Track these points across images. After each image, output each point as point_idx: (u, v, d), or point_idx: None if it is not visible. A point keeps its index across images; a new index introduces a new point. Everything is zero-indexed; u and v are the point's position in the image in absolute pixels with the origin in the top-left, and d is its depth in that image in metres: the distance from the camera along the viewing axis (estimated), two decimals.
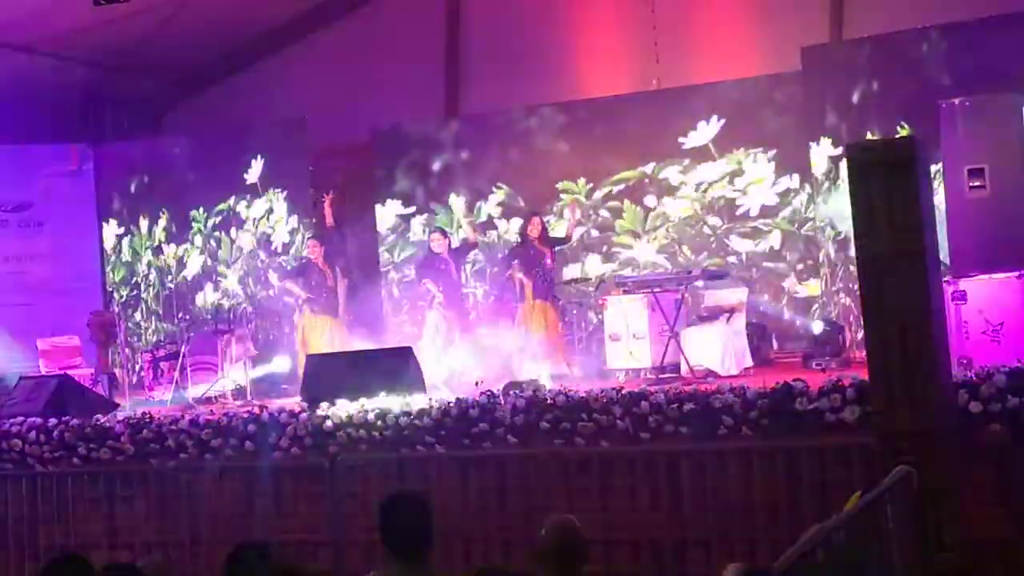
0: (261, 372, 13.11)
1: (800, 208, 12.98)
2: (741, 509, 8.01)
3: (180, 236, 15.55)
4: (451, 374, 11.51)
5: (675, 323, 10.77)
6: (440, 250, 12.21)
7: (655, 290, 11.09)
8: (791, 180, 13.02)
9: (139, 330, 15.66)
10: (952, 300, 8.75)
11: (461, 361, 11.68)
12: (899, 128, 11.37)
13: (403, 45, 14.91)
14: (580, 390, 9.10)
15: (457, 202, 14.32)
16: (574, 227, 12.68)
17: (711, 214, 13.37)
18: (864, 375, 7.43)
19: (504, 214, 14.18)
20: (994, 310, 8.80)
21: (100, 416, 10.42)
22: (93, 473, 10.07)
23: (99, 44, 14.49)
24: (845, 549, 4.78)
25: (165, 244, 15.62)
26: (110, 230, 15.92)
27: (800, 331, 12.65)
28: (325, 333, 12.35)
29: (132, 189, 15.84)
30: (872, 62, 12.23)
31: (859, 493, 5.73)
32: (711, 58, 13.71)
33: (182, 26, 14.44)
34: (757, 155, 13.14)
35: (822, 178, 12.35)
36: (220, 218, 15.26)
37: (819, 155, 12.36)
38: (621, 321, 11.36)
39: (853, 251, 7.30)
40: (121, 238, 15.84)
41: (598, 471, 8.52)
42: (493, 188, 14.24)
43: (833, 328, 11.62)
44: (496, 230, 14.20)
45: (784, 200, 13.10)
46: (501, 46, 14.65)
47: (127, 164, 15.85)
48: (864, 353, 7.16)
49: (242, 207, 15.05)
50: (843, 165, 10.77)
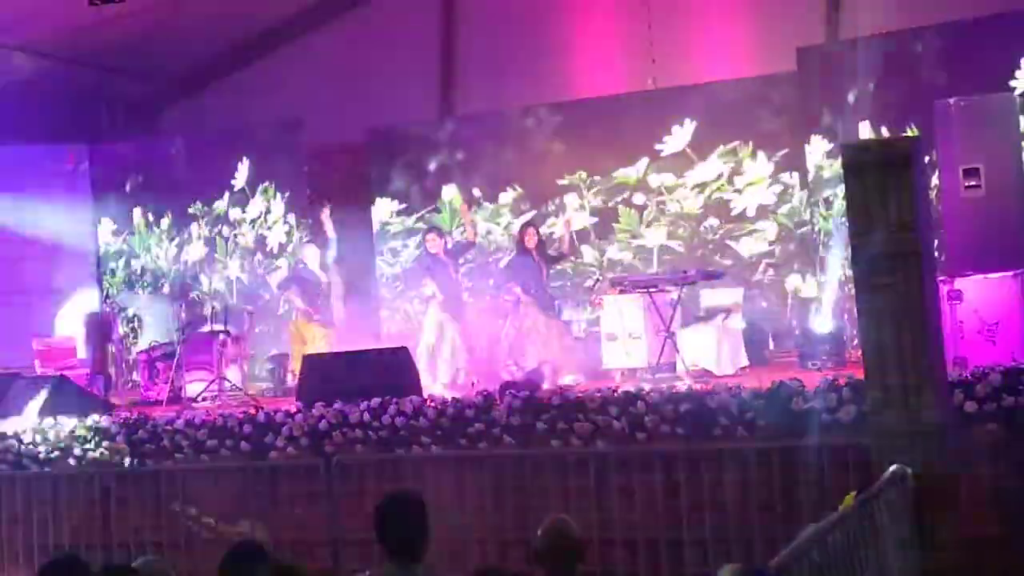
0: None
1: (796, 208, 12.97)
2: (737, 509, 8.02)
3: (176, 236, 15.54)
4: (449, 374, 11.51)
5: (671, 323, 10.77)
6: (436, 250, 12.18)
7: (651, 290, 11.09)
8: (786, 180, 13.01)
9: (135, 331, 15.64)
10: (947, 300, 8.76)
11: (459, 361, 11.68)
12: (907, 129, 11.31)
13: (399, 45, 14.89)
14: (576, 390, 9.10)
15: (454, 202, 14.31)
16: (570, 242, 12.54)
17: (707, 214, 13.36)
18: (860, 375, 7.44)
19: (499, 215, 14.19)
20: (989, 309, 8.81)
21: (96, 416, 10.42)
22: (89, 474, 10.07)
23: (95, 44, 14.46)
24: (840, 549, 4.79)
25: (161, 244, 15.61)
26: (106, 230, 15.91)
27: (796, 331, 12.65)
28: (318, 341, 12.31)
29: (128, 189, 15.84)
30: (867, 62, 12.23)
31: (854, 493, 5.73)
32: (707, 58, 13.71)
33: (178, 26, 14.43)
34: (754, 155, 13.13)
35: (817, 178, 12.35)
36: (216, 219, 15.26)
37: (814, 155, 12.36)
38: (617, 321, 11.35)
39: (849, 251, 7.30)
40: (117, 238, 15.83)
41: (594, 471, 8.53)
42: (489, 189, 14.23)
43: (829, 328, 11.61)
44: (491, 234, 14.18)
45: (780, 200, 13.09)
46: (497, 46, 14.63)
47: (123, 164, 15.85)
48: (860, 353, 7.17)
49: (238, 208, 15.04)
50: (839, 164, 10.77)
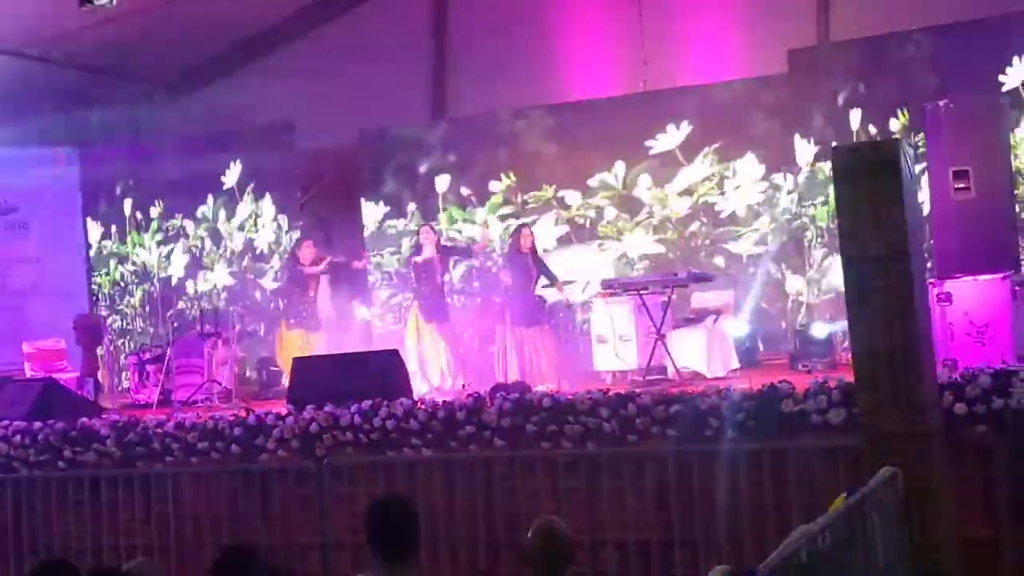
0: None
1: (786, 209, 12.99)
2: (727, 511, 8.01)
3: (166, 239, 15.53)
4: (437, 375, 11.50)
5: (661, 325, 10.77)
6: (428, 251, 12.12)
7: (641, 292, 11.09)
8: (777, 182, 13.04)
9: (125, 333, 15.62)
10: (937, 302, 8.77)
11: (444, 362, 11.68)
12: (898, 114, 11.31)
13: (390, 48, 14.90)
14: (567, 392, 9.10)
15: (448, 203, 14.31)
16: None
17: (697, 216, 13.37)
18: (850, 377, 7.44)
19: (491, 217, 14.19)
20: (979, 311, 8.83)
21: (85, 419, 10.39)
22: (78, 477, 10.04)
23: (85, 47, 14.45)
24: (831, 550, 4.79)
25: (151, 247, 15.59)
26: (95, 233, 15.89)
27: (786, 333, 12.67)
28: (306, 345, 12.26)
29: (118, 192, 15.83)
30: (858, 64, 12.28)
31: (845, 494, 5.74)
32: (698, 60, 13.73)
33: (169, 28, 14.41)
34: (744, 157, 13.15)
35: (808, 180, 12.37)
36: (206, 221, 15.25)
37: (805, 157, 12.39)
38: (607, 323, 11.35)
39: (839, 253, 7.31)
40: (107, 241, 15.82)
41: (585, 473, 8.52)
42: (480, 190, 14.24)
43: (819, 330, 11.63)
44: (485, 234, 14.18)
45: (771, 201, 13.12)
46: (488, 48, 14.65)
47: (113, 167, 15.83)
48: (850, 355, 7.18)
49: (228, 210, 15.03)
50: (829, 166, 10.79)
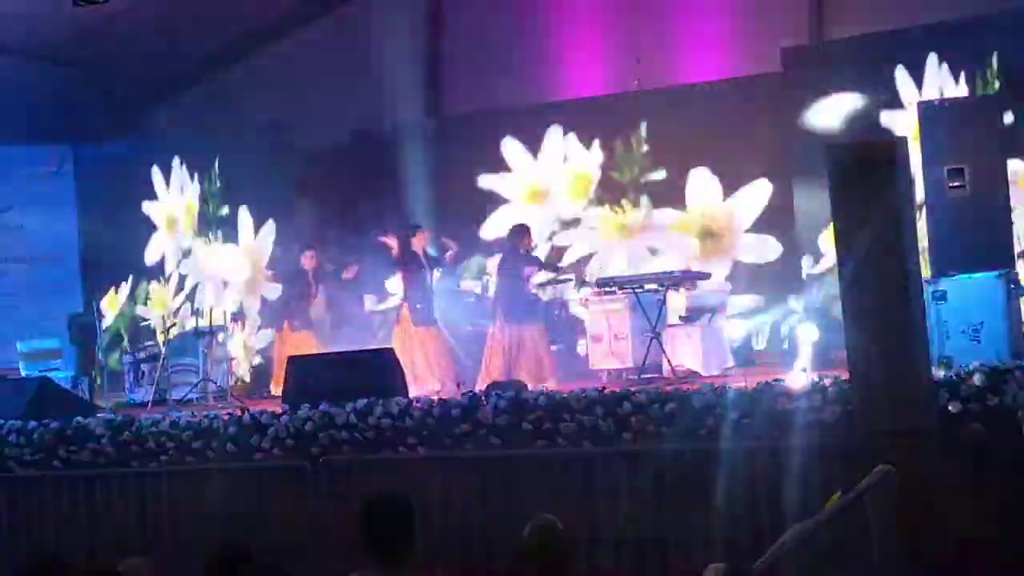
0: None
1: (780, 208, 12.99)
2: (722, 509, 8.01)
3: (161, 238, 15.52)
4: (425, 381, 11.49)
5: (657, 323, 10.78)
6: (418, 250, 12.11)
7: (637, 290, 11.10)
8: (771, 180, 13.03)
9: (120, 331, 15.60)
10: (932, 300, 8.78)
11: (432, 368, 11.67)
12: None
13: (384, 46, 14.87)
14: (562, 391, 9.10)
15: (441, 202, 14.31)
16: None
17: (690, 215, 13.38)
18: (845, 375, 7.45)
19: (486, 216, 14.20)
20: (974, 310, 8.83)
21: (80, 418, 10.38)
22: (73, 476, 10.03)
23: (79, 45, 14.43)
24: (825, 549, 4.80)
25: (146, 246, 15.58)
26: (90, 231, 15.85)
27: (782, 331, 12.67)
28: (302, 350, 12.23)
29: (112, 190, 15.79)
30: (852, 62, 12.28)
31: (839, 493, 5.74)
32: (691, 59, 13.74)
33: (164, 27, 14.39)
34: (737, 156, 13.16)
35: (802, 178, 12.35)
36: (201, 220, 15.23)
37: (800, 155, 12.37)
38: (603, 322, 11.36)
39: (834, 251, 7.32)
40: (102, 240, 15.78)
41: (580, 472, 8.52)
42: (477, 189, 14.24)
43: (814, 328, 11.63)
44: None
45: (763, 200, 13.12)
46: (482, 47, 14.65)
47: (107, 166, 15.80)
48: (845, 353, 7.18)
49: (224, 208, 15.02)
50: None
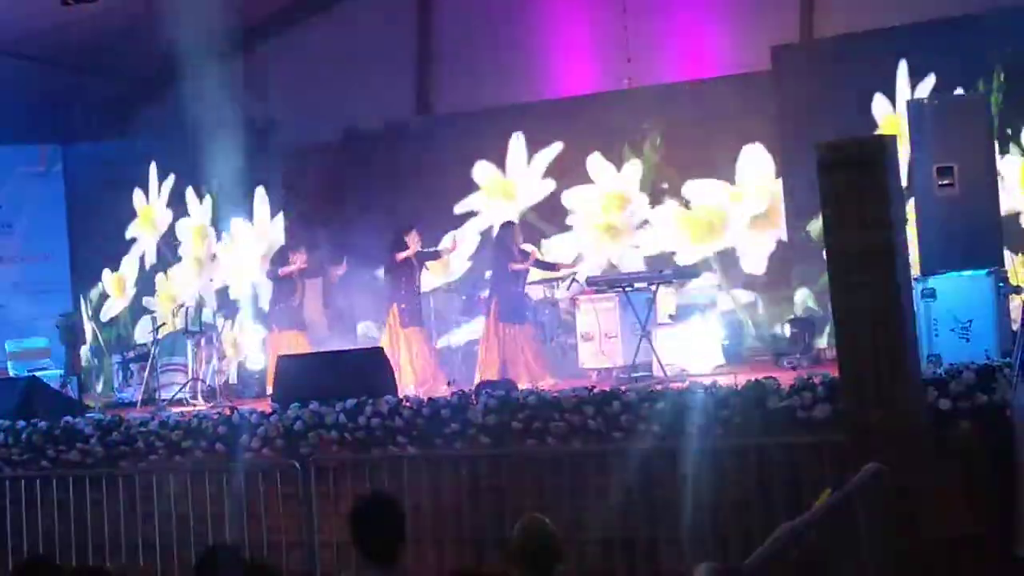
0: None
1: (771, 205, 12.99)
2: (713, 507, 8.03)
3: (150, 237, 15.49)
4: (411, 382, 11.48)
5: (647, 322, 10.78)
6: (410, 253, 12.08)
7: (627, 289, 11.10)
8: (761, 178, 13.04)
9: (109, 331, 15.56)
10: (921, 297, 8.79)
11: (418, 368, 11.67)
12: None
13: (375, 44, 14.86)
14: (552, 390, 9.10)
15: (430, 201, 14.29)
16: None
17: (681, 210, 13.38)
18: (835, 373, 7.46)
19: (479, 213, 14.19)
20: (963, 307, 8.84)
21: (69, 418, 10.36)
22: (62, 476, 10.01)
23: (68, 44, 14.39)
24: (816, 546, 4.80)
25: (136, 245, 15.55)
26: (78, 231, 15.81)
27: (772, 329, 12.68)
28: (293, 350, 12.22)
29: (101, 190, 15.74)
30: (842, 61, 12.29)
31: (829, 490, 5.75)
32: (682, 57, 13.74)
33: (152, 26, 14.34)
34: (728, 153, 13.16)
35: (792, 175, 12.36)
36: (190, 219, 15.20)
37: (790, 153, 12.38)
38: (593, 320, 11.36)
39: (824, 249, 7.32)
40: (91, 239, 15.75)
41: (570, 470, 8.53)
42: (466, 187, 14.23)
43: (803, 326, 11.66)
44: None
45: (755, 197, 13.12)
46: (473, 45, 14.63)
47: (96, 165, 15.76)
48: (835, 351, 7.19)
49: (212, 208, 14.99)
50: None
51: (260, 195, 14.74)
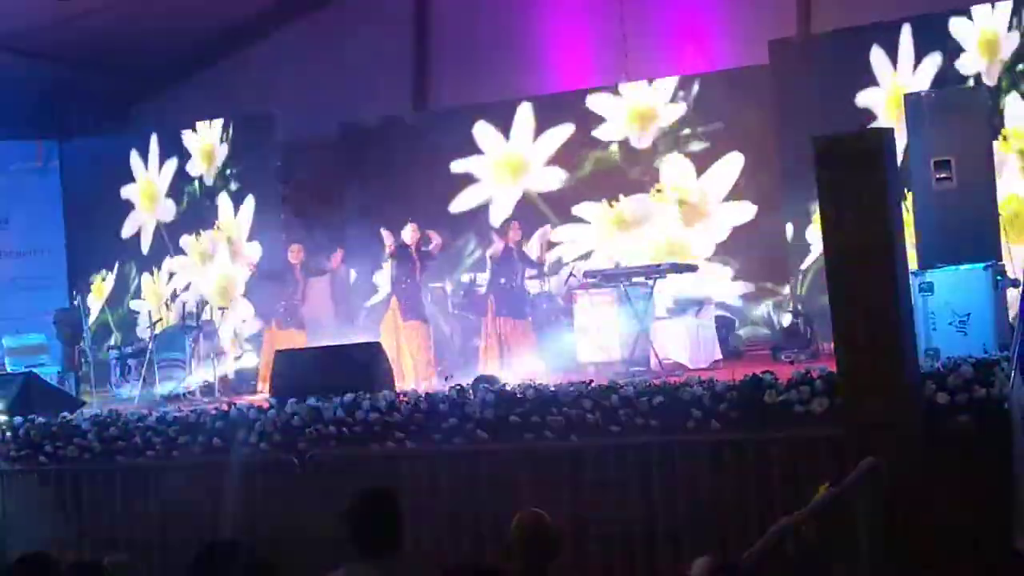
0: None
1: (766, 199, 12.99)
2: (711, 502, 8.01)
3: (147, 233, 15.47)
4: (410, 376, 11.47)
5: (644, 317, 10.77)
6: (409, 243, 12.07)
7: (624, 283, 11.09)
8: (758, 172, 13.04)
9: (106, 327, 15.55)
10: (919, 291, 8.79)
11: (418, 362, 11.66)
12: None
13: (371, 39, 14.85)
14: (550, 384, 9.09)
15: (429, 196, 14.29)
16: (545, 252, 12.49)
17: (679, 207, 13.37)
18: (832, 367, 7.45)
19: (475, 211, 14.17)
20: (961, 301, 8.84)
21: (67, 414, 10.34)
22: (59, 471, 10.00)
23: (65, 40, 14.37)
24: (813, 540, 4.80)
25: (132, 240, 15.53)
26: (76, 226, 15.80)
27: (769, 324, 12.68)
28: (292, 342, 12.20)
29: (99, 185, 15.73)
30: (839, 55, 12.29)
31: (827, 484, 5.75)
32: (679, 51, 13.73)
33: (149, 21, 14.33)
34: (724, 147, 13.16)
35: (790, 170, 12.36)
36: (187, 214, 15.19)
37: (787, 147, 12.37)
38: (591, 315, 11.35)
39: (821, 243, 7.31)
40: (88, 234, 15.73)
41: (568, 465, 8.51)
42: (463, 184, 14.22)
43: (801, 320, 11.65)
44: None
45: (751, 192, 13.12)
46: (470, 40, 14.63)
47: (94, 160, 15.75)
48: (832, 345, 7.19)
49: (209, 203, 14.98)
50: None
51: (255, 190, 14.72)
